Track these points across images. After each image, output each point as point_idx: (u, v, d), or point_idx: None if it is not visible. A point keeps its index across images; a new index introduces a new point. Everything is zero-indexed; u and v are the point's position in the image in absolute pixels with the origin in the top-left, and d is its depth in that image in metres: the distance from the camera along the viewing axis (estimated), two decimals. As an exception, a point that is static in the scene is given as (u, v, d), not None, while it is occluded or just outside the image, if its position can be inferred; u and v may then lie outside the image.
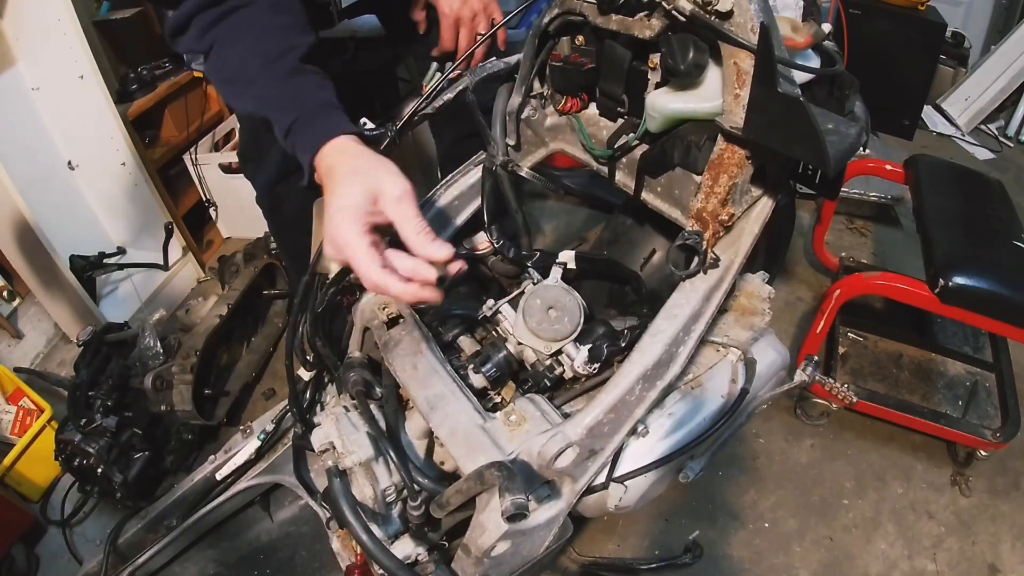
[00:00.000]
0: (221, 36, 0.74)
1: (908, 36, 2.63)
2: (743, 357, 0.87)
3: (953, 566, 1.37)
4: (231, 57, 0.75)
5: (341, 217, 0.64)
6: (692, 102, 0.73)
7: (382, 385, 0.87)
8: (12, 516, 1.37)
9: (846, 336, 1.70)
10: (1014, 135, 2.95)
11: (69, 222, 1.78)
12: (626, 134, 0.86)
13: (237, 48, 0.74)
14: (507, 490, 0.63)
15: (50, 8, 1.56)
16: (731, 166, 0.73)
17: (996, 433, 1.44)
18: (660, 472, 0.82)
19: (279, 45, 0.74)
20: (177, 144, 2.03)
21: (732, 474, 1.51)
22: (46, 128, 1.74)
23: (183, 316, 1.68)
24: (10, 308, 1.60)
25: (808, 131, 0.58)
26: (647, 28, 0.72)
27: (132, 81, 1.87)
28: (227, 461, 1.18)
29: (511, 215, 0.96)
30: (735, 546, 1.38)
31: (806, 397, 1.59)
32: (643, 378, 0.76)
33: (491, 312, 0.88)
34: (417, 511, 0.78)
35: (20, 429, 1.47)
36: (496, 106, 0.94)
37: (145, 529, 1.28)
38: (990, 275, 1.26)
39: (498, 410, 0.78)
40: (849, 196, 2.27)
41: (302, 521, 1.36)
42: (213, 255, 2.18)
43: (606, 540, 1.38)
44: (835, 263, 1.94)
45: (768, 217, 0.80)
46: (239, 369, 1.71)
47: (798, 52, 0.70)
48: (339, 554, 1.00)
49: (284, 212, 1.28)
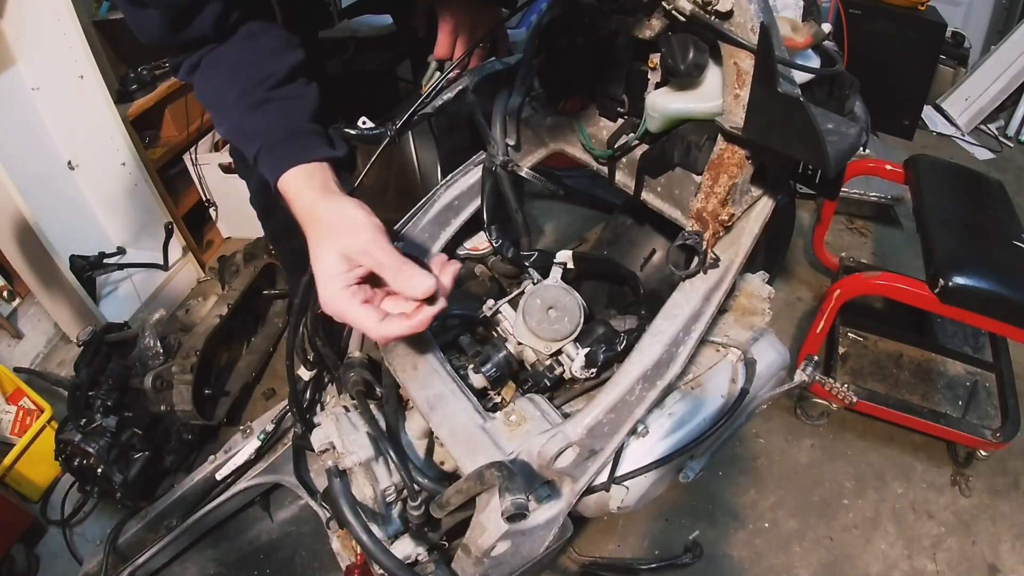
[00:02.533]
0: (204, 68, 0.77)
1: (908, 36, 2.63)
2: (743, 357, 0.87)
3: (953, 566, 1.37)
4: (209, 91, 0.78)
5: (326, 287, 0.67)
6: (692, 102, 0.73)
7: (382, 385, 0.87)
8: (12, 516, 1.37)
9: (846, 336, 1.70)
10: (1014, 135, 2.95)
11: (69, 222, 1.78)
12: (626, 134, 0.85)
13: (215, 82, 0.77)
14: (507, 490, 0.63)
15: (50, 8, 1.56)
16: (731, 166, 0.73)
17: (996, 433, 1.44)
18: (660, 472, 0.82)
19: (252, 77, 0.76)
20: (177, 144, 2.03)
21: (732, 474, 1.51)
22: (46, 128, 1.74)
23: (183, 316, 1.68)
24: (10, 308, 1.60)
25: (808, 131, 0.58)
26: (647, 28, 0.72)
27: (132, 81, 1.87)
28: (227, 461, 1.18)
29: (511, 215, 0.96)
30: (735, 546, 1.38)
31: (806, 397, 1.59)
32: (643, 378, 0.75)
33: (491, 312, 0.88)
34: (417, 511, 0.78)
35: (20, 429, 1.47)
36: (496, 106, 0.94)
37: (145, 529, 1.28)
38: (990, 275, 1.26)
39: (498, 410, 0.78)
40: (849, 196, 2.27)
41: (302, 521, 1.36)
42: (213, 255, 2.18)
43: (606, 540, 1.38)
44: (835, 263, 1.94)
45: (768, 217, 0.80)
46: (239, 369, 1.71)
47: (798, 52, 0.70)
48: (339, 554, 1.00)
49: (277, 214, 1.27)
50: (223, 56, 0.76)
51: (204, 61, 0.77)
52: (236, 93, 0.76)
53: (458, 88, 0.93)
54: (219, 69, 0.77)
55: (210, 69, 0.77)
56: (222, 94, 0.77)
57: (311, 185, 0.73)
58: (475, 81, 0.94)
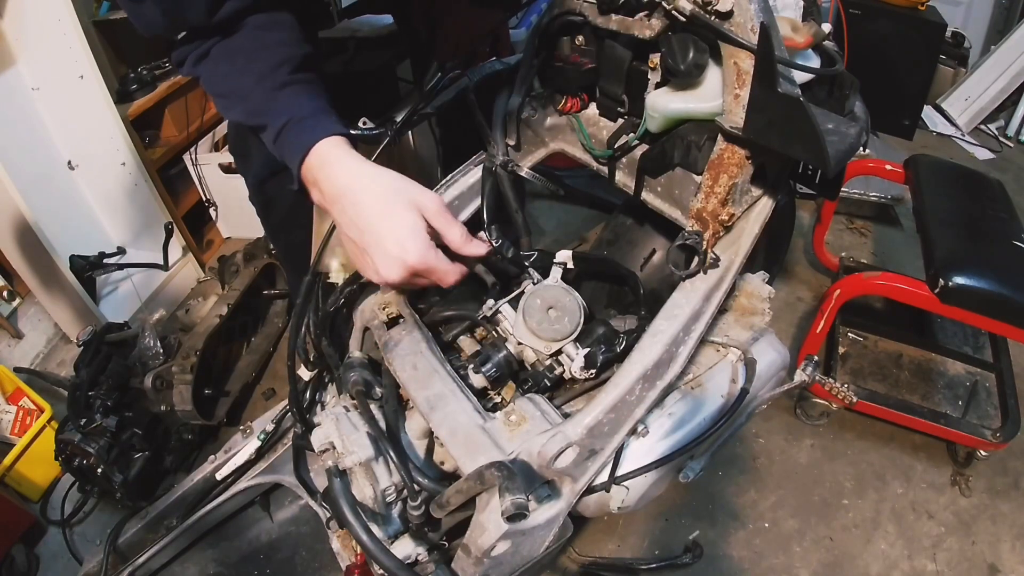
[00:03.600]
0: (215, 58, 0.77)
1: (908, 36, 2.63)
2: (743, 357, 0.87)
3: (953, 566, 1.37)
4: (223, 77, 0.78)
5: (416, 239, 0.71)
6: (692, 102, 0.73)
7: (382, 385, 0.87)
8: (12, 516, 1.37)
9: (846, 336, 1.70)
10: (1014, 135, 2.95)
11: (69, 222, 1.78)
12: (626, 134, 0.86)
13: (230, 68, 0.77)
14: (507, 490, 0.63)
15: (50, 8, 1.56)
16: (731, 166, 0.73)
17: (996, 433, 1.44)
18: (660, 472, 0.82)
19: (270, 61, 0.76)
20: (177, 144, 2.03)
21: (732, 474, 1.51)
22: (46, 128, 1.74)
23: (183, 316, 1.68)
24: (10, 308, 1.60)
25: (808, 131, 0.58)
26: (647, 28, 0.72)
27: (132, 81, 1.87)
28: (227, 461, 1.18)
29: (511, 215, 0.96)
30: (735, 546, 1.38)
31: (806, 397, 1.59)
32: (643, 378, 0.75)
33: (491, 312, 0.88)
34: (417, 511, 0.78)
35: (20, 429, 1.47)
36: (496, 106, 0.94)
37: (145, 529, 1.28)
38: (990, 275, 1.26)
39: (498, 410, 0.78)
40: (849, 196, 2.27)
41: (302, 521, 1.37)
42: (213, 255, 2.18)
43: (606, 540, 1.38)
44: (835, 263, 1.94)
45: (768, 217, 0.80)
46: (239, 369, 1.71)
47: (798, 52, 0.70)
48: (339, 554, 1.00)
49: (276, 209, 1.28)
50: (235, 44, 0.76)
51: (214, 51, 0.76)
52: (254, 77, 0.75)
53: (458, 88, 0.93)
54: (233, 56, 0.76)
55: (222, 57, 0.77)
56: (239, 79, 0.76)
57: (351, 154, 0.74)
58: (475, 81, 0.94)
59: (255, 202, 1.29)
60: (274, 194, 1.24)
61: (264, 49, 0.76)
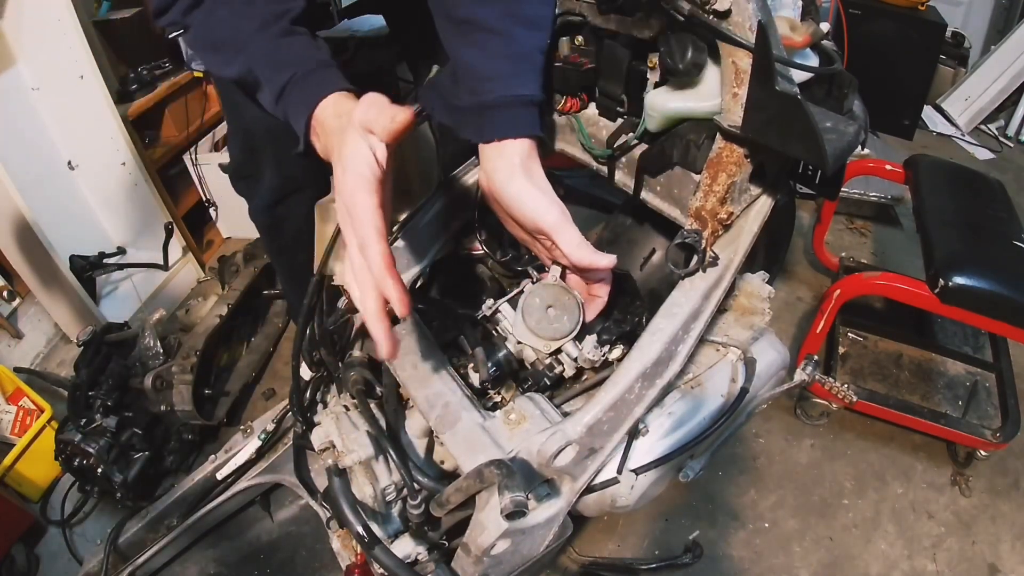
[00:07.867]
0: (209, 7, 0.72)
1: (908, 36, 2.63)
2: (743, 356, 0.87)
3: (953, 566, 1.37)
4: (220, 23, 0.73)
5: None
6: (691, 101, 0.73)
7: (382, 384, 0.87)
8: (12, 516, 1.37)
9: (846, 336, 1.70)
10: (1014, 135, 2.95)
11: (69, 222, 1.78)
12: (625, 133, 0.86)
13: (226, 14, 0.72)
14: (506, 488, 0.63)
15: (50, 8, 1.56)
16: (730, 165, 0.73)
17: (996, 433, 1.44)
18: (660, 471, 0.82)
19: (271, 8, 0.72)
20: (177, 144, 2.03)
21: (732, 474, 1.51)
22: (46, 128, 1.74)
23: (183, 316, 1.68)
24: (10, 308, 1.60)
25: (806, 129, 0.58)
26: (646, 28, 0.72)
27: (132, 81, 1.87)
28: (227, 461, 1.18)
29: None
30: (735, 546, 1.38)
31: (806, 397, 1.59)
32: (643, 376, 0.75)
33: (490, 312, 0.88)
34: (417, 510, 0.78)
35: (20, 429, 1.47)
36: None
37: (145, 529, 1.28)
38: (990, 275, 1.26)
39: (498, 409, 0.78)
40: (849, 196, 2.27)
41: (302, 521, 1.37)
42: (213, 255, 2.19)
43: (606, 540, 1.38)
44: (835, 263, 1.94)
45: (767, 216, 0.80)
46: (239, 369, 1.71)
47: (796, 51, 0.70)
48: (339, 554, 1.00)
49: (284, 232, 1.25)
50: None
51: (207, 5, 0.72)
52: (256, 24, 0.71)
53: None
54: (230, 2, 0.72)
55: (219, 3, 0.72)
56: (237, 26, 0.72)
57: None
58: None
59: (260, 224, 1.27)
60: (283, 217, 1.22)
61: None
